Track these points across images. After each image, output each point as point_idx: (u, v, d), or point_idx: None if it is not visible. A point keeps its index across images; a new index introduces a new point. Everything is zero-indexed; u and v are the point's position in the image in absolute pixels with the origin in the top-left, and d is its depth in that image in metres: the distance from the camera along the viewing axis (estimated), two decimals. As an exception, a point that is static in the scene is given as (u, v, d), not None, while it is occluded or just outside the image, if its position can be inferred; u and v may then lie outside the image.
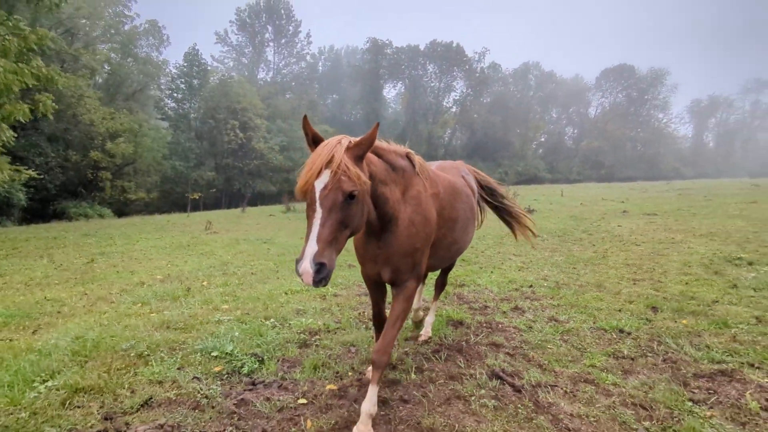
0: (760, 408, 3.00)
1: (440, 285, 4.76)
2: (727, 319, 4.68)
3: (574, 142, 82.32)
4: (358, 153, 2.45)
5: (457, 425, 2.89)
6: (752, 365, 3.66)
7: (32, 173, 16.41)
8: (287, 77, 71.19)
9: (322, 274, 2.20)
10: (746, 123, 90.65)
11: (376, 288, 3.38)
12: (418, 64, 67.53)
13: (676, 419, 2.92)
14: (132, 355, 3.92)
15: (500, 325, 4.83)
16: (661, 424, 2.87)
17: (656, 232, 11.34)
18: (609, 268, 7.45)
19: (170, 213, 35.62)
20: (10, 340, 4.50)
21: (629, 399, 3.20)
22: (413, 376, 3.64)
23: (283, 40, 70.60)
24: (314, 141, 2.54)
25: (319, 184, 2.33)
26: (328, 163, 2.33)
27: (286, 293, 6.24)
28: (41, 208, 33.89)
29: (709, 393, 3.25)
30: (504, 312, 5.30)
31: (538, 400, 3.21)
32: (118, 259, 10.04)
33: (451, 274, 6.65)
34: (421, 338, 4.43)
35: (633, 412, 3.03)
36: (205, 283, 7.12)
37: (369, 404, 2.84)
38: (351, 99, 74.36)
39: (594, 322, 4.80)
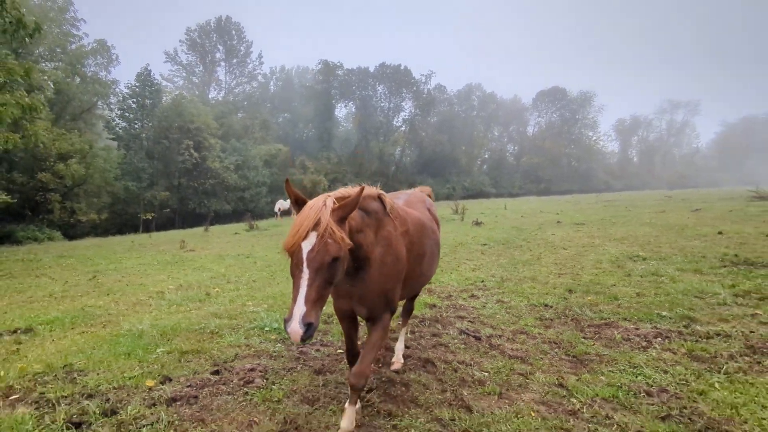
0: (622, 338, 4.96)
1: (408, 311, 4.89)
2: (617, 294, 6.74)
3: (515, 158, 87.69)
4: (342, 215, 2.59)
5: (443, 356, 4.65)
6: (626, 319, 5.66)
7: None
8: (239, 96, 71.78)
9: (309, 332, 2.36)
10: (664, 140, 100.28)
11: (348, 322, 3.50)
12: (368, 85, 70.15)
13: (574, 347, 4.81)
14: (206, 332, 5.41)
15: (462, 306, 6.65)
16: (565, 350, 4.75)
17: (581, 239, 13.69)
18: (542, 267, 9.51)
19: (123, 234, 35.50)
20: (90, 333, 5.81)
21: (547, 339, 5.08)
22: (409, 335, 5.36)
23: (234, 60, 71.26)
24: (297, 202, 2.72)
25: (306, 246, 2.45)
26: (315, 226, 2.47)
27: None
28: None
29: (595, 334, 5.19)
30: (464, 298, 7.14)
31: (491, 343, 5.02)
32: (118, 276, 11.08)
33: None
34: (393, 366, 4.41)
35: (548, 345, 4.90)
36: (217, 290, 8.51)
37: (347, 422, 3.12)
38: (303, 118, 75.74)
39: (528, 301, 6.72)
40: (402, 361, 4.46)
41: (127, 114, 47.48)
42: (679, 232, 13.59)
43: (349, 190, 2.91)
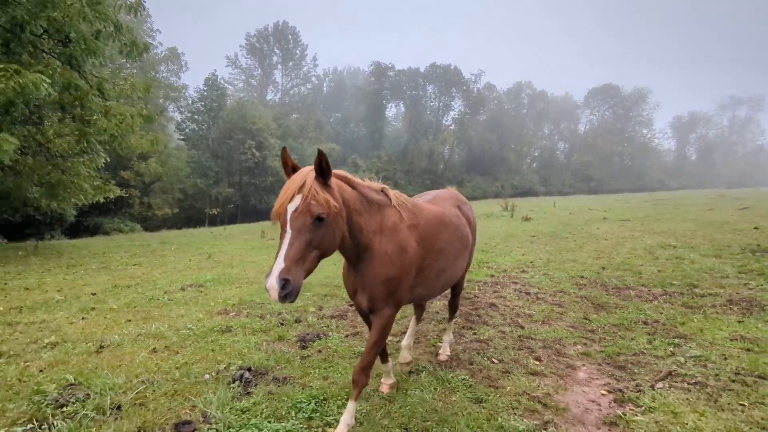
0: (635, 295, 6.74)
1: (453, 307, 4.91)
2: (641, 271, 8.44)
3: (565, 156, 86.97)
4: (324, 180, 2.65)
5: (503, 303, 6.61)
6: (642, 285, 7.40)
7: (117, 190, 19.49)
8: (294, 98, 75.54)
9: (286, 290, 2.37)
10: (725, 137, 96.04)
11: (365, 316, 3.55)
12: (418, 85, 71.98)
13: (598, 299, 6.64)
14: (332, 285, 7.62)
15: (515, 276, 8.56)
16: (591, 301, 6.60)
17: (623, 232, 15.12)
18: (583, 252, 11.20)
19: (192, 227, 39.19)
20: (245, 287, 8.13)
21: (579, 296, 6.93)
22: (477, 291, 7.35)
23: (290, 63, 75.10)
24: (293, 170, 2.77)
25: (290, 208, 2.52)
26: (300, 188, 2.54)
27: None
28: (76, 223, 37.14)
29: (616, 293, 6.99)
30: (516, 272, 9.03)
31: (537, 296, 6.94)
32: (227, 256, 13.62)
33: (480, 257, 10.40)
34: (440, 357, 4.58)
35: (579, 299, 6.76)
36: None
37: (348, 416, 3.18)
38: (354, 117, 78.61)
39: (567, 274, 8.54)
40: (449, 353, 4.63)
41: (196, 116, 51.72)
42: (717, 227, 14.75)
43: (353, 177, 3.14)
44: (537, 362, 4.42)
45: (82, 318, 6.01)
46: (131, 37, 16.33)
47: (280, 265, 2.38)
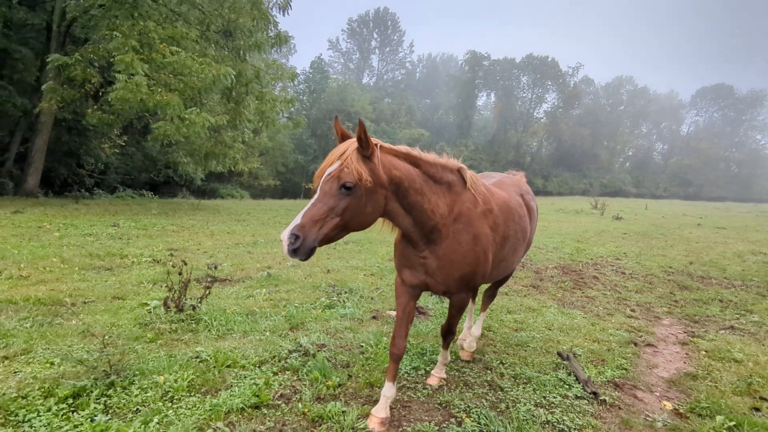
0: (716, 284, 8.27)
1: (490, 296, 4.82)
2: (726, 268, 9.79)
3: (663, 158, 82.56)
4: (363, 153, 2.61)
5: (602, 277, 8.44)
6: (725, 278, 8.83)
7: (258, 161, 23.01)
8: (388, 83, 78.21)
9: (295, 245, 2.41)
10: None
11: (406, 297, 3.30)
12: (512, 76, 71.56)
13: (683, 283, 8.25)
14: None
15: (610, 262, 10.23)
16: (677, 283, 8.22)
17: (716, 238, 15.88)
18: (672, 250, 12.48)
19: (290, 199, 43.18)
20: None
21: (667, 279, 8.55)
22: (580, 267, 9.19)
23: (387, 49, 77.66)
24: (342, 138, 2.79)
25: (327, 173, 2.58)
26: (340, 156, 2.59)
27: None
28: (197, 187, 42.37)
29: (700, 281, 8.53)
30: (610, 260, 10.66)
31: (632, 276, 8.65)
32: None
33: (577, 246, 12.10)
34: (462, 354, 4.42)
35: (667, 281, 8.40)
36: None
37: (443, 359, 3.53)
38: (444, 104, 79.80)
39: (657, 264, 10.06)
40: (475, 346, 4.45)
41: (301, 96, 55.88)
42: (818, 242, 15.11)
43: (418, 152, 3.02)
44: (632, 312, 6.30)
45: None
46: (277, 31, 19.36)
47: (296, 221, 2.44)
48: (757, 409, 3.54)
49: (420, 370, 4.01)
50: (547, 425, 3.18)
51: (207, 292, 4.96)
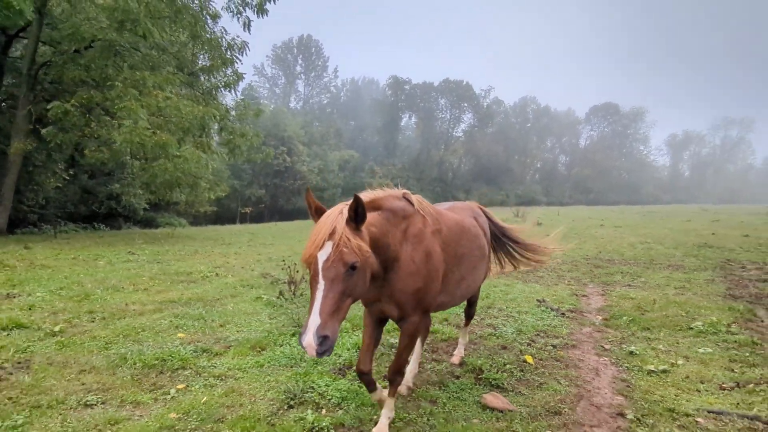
0: (617, 263, 11.81)
1: (469, 315, 5.04)
2: (623, 253, 13.49)
3: (566, 169, 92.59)
4: (357, 226, 2.61)
5: (545, 266, 11.68)
6: (623, 260, 12.44)
7: (227, 189, 24.49)
8: (314, 107, 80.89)
9: (324, 347, 2.35)
10: (716, 156, 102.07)
11: (375, 325, 3.42)
12: (431, 98, 77.39)
13: (597, 264, 11.70)
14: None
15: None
16: (593, 265, 11.65)
17: (615, 234, 20.17)
18: (586, 245, 16.20)
19: (224, 224, 44.10)
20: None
21: (587, 263, 11.97)
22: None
23: (312, 74, 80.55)
24: (317, 212, 2.75)
25: (321, 256, 2.48)
26: (331, 235, 2.50)
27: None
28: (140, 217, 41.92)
29: (609, 263, 12.05)
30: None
31: (563, 262, 11.98)
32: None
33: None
34: (453, 360, 4.81)
35: (587, 264, 11.81)
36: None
37: (387, 410, 3.37)
38: (369, 126, 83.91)
39: (578, 255, 13.56)
40: (462, 355, 4.84)
41: (235, 123, 56.69)
42: (685, 233, 19.84)
43: (376, 193, 3.11)
44: (569, 283, 9.43)
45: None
46: (234, 69, 21.42)
47: (315, 321, 2.36)
48: (642, 313, 6.65)
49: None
50: (540, 327, 6.05)
51: (299, 283, 7.34)
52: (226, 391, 4.02)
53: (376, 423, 3.40)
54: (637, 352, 5.12)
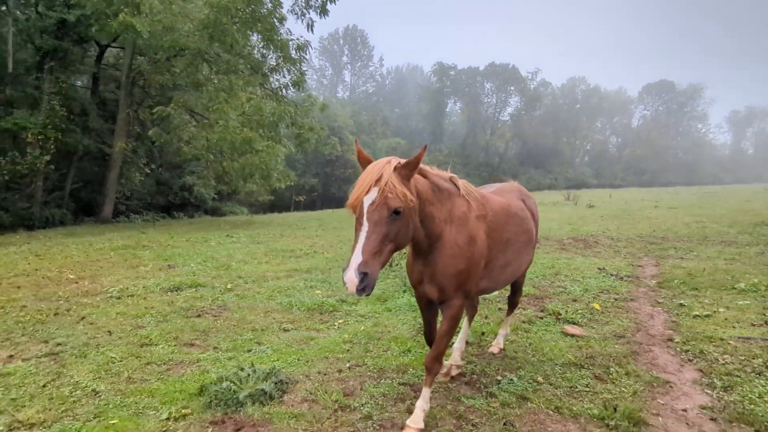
0: (671, 240, 12.72)
1: (513, 303, 4.94)
2: (677, 232, 14.30)
3: (617, 150, 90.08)
4: (405, 173, 2.71)
5: (604, 242, 12.75)
6: (677, 237, 13.31)
7: (294, 178, 26.53)
8: (360, 96, 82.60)
9: (364, 283, 2.46)
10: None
11: (427, 308, 3.56)
12: (477, 83, 77.25)
13: (651, 241, 12.66)
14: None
15: (602, 234, 14.58)
16: (647, 242, 12.62)
17: (669, 215, 20.63)
18: (639, 225, 16.98)
19: (280, 212, 46.43)
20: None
21: (640, 240, 12.95)
22: (585, 237, 13.49)
23: (358, 63, 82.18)
24: (366, 163, 2.85)
25: (367, 200, 2.61)
26: (377, 181, 2.62)
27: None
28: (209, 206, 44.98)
29: (662, 240, 12.97)
30: (599, 234, 15.01)
31: (618, 240, 13.01)
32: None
33: (571, 227, 16.45)
34: (492, 349, 4.74)
35: (641, 241, 12.80)
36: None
37: (423, 402, 3.30)
38: (414, 113, 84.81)
39: (632, 234, 14.47)
40: (502, 346, 4.77)
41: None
42: (744, 213, 20.07)
43: (425, 166, 3.09)
44: (625, 257, 10.53)
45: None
46: (299, 69, 23.11)
47: (358, 258, 2.48)
48: (692, 278, 7.78)
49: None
50: (603, 287, 7.35)
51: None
52: (374, 323, 5.63)
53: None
54: (686, 304, 6.34)
